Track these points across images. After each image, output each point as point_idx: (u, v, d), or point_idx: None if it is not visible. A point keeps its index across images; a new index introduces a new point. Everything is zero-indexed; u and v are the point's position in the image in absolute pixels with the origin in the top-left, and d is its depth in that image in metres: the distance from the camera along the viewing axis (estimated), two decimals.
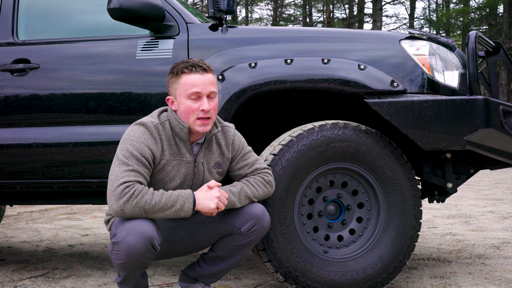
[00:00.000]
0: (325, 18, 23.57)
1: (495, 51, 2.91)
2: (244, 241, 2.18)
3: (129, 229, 1.94)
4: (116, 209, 1.94)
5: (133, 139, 2.03)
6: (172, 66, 2.13)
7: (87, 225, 5.17)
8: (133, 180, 1.97)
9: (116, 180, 1.96)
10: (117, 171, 1.99)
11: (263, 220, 2.17)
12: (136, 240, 1.92)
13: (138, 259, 1.96)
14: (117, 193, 1.94)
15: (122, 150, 2.03)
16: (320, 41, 2.60)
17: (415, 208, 2.45)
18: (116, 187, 1.95)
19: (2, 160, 2.71)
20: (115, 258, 1.99)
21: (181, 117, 2.11)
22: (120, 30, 2.73)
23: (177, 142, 2.12)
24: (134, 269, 2.01)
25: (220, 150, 2.22)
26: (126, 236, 1.93)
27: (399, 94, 2.40)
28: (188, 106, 2.07)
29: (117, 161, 2.01)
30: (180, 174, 2.13)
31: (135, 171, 1.99)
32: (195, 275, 2.29)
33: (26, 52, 2.76)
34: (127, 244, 1.93)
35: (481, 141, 2.37)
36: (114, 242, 1.98)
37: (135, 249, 1.93)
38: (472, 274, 2.90)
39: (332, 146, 2.37)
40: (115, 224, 2.05)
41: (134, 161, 2.00)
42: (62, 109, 2.66)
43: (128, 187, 1.94)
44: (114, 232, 2.02)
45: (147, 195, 1.96)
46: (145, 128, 2.06)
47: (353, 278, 2.39)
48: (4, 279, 2.95)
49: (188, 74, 2.07)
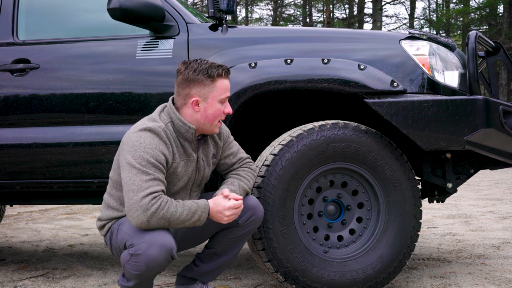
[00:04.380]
0: (325, 18, 23.57)
1: (495, 51, 2.91)
2: (241, 233, 2.20)
3: (149, 241, 1.91)
4: (142, 220, 1.90)
5: (145, 146, 1.97)
6: (202, 67, 2.07)
7: (87, 225, 5.17)
8: (159, 190, 1.94)
9: (141, 191, 1.91)
10: (138, 181, 1.92)
11: (258, 210, 2.21)
12: (157, 252, 1.91)
13: (156, 270, 1.96)
14: (143, 204, 1.90)
15: (136, 158, 1.96)
16: (320, 41, 2.60)
17: (415, 208, 2.45)
18: (141, 198, 1.90)
19: (2, 160, 2.71)
20: (131, 269, 1.96)
21: (204, 120, 2.10)
22: (120, 30, 2.73)
23: (182, 143, 2.12)
24: (148, 277, 2.02)
25: (214, 141, 2.26)
26: (148, 249, 1.91)
27: (399, 94, 2.40)
28: (218, 109, 2.11)
29: (134, 170, 1.94)
30: (188, 173, 2.15)
31: (157, 180, 1.95)
32: (193, 274, 2.30)
33: (26, 52, 2.76)
34: (149, 257, 1.91)
35: (481, 141, 2.37)
36: (133, 254, 1.94)
37: (156, 262, 1.92)
38: (472, 274, 2.90)
39: (332, 146, 2.37)
40: (128, 233, 2.00)
41: (153, 169, 1.96)
42: (62, 109, 2.66)
43: (155, 198, 1.91)
44: (131, 243, 1.97)
45: (172, 207, 1.94)
46: (153, 133, 2.01)
47: (353, 278, 2.39)
48: (4, 279, 2.95)
49: (223, 78, 2.11)
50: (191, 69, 2.08)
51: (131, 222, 1.95)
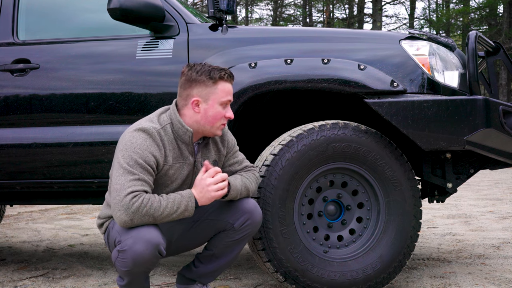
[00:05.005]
0: (325, 18, 23.57)
1: (495, 51, 2.91)
2: (238, 237, 2.18)
3: (135, 236, 1.92)
4: (125, 219, 1.91)
5: (136, 146, 1.99)
6: (205, 69, 2.08)
7: (87, 225, 5.17)
8: (140, 190, 1.94)
9: (123, 190, 1.92)
10: (122, 181, 1.94)
11: (255, 215, 2.18)
12: (143, 248, 1.91)
13: (144, 266, 1.96)
14: (125, 203, 1.91)
15: (125, 158, 1.98)
16: (320, 41, 2.60)
17: (415, 208, 2.45)
18: (123, 197, 1.91)
19: (2, 160, 2.71)
20: (120, 266, 1.98)
21: (204, 121, 2.10)
22: (120, 30, 2.73)
23: (180, 145, 2.12)
24: (139, 274, 2.01)
25: (217, 148, 2.25)
26: (133, 244, 1.91)
27: (399, 94, 2.40)
28: (219, 112, 2.10)
29: (121, 170, 1.97)
30: (182, 176, 2.14)
31: (141, 180, 1.96)
32: (192, 275, 2.30)
33: (26, 52, 2.76)
34: (134, 253, 1.92)
35: (481, 141, 2.37)
36: (120, 250, 1.95)
37: (143, 257, 1.92)
38: (472, 274, 2.90)
39: (332, 146, 2.38)
40: (117, 231, 2.02)
41: (140, 169, 1.97)
42: (62, 109, 2.66)
43: (135, 197, 1.92)
44: (119, 240, 1.99)
45: (156, 202, 1.94)
46: (147, 134, 2.02)
47: (353, 278, 2.39)
48: (4, 279, 2.95)
49: (225, 82, 2.11)
50: (194, 70, 2.10)
51: (117, 222, 1.97)
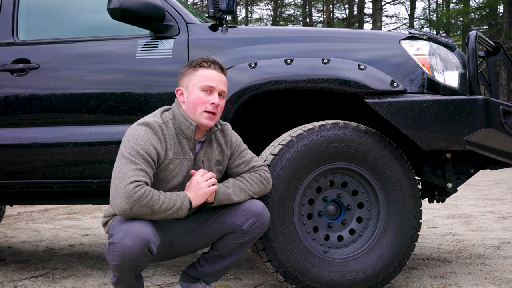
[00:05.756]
0: (325, 18, 23.58)
1: (495, 51, 2.91)
2: (246, 239, 2.19)
3: (126, 230, 1.93)
4: (125, 207, 1.92)
5: (138, 138, 2.03)
6: (191, 61, 2.20)
7: (87, 225, 5.17)
8: (142, 181, 1.96)
9: (126, 178, 1.94)
10: (125, 169, 1.97)
11: (263, 216, 2.19)
12: (132, 242, 1.91)
13: (133, 261, 1.95)
14: (127, 190, 1.92)
15: (127, 148, 2.01)
16: (320, 41, 2.60)
17: (415, 208, 2.45)
18: (126, 185, 1.93)
19: (2, 160, 2.71)
20: (110, 259, 1.98)
21: (188, 108, 2.13)
22: (120, 30, 2.73)
23: (181, 141, 2.13)
24: (128, 271, 2.01)
25: (220, 148, 2.25)
26: (123, 238, 1.92)
27: (399, 94, 2.40)
28: (199, 97, 2.12)
29: (123, 159, 1.99)
30: (183, 172, 2.15)
31: (143, 171, 1.99)
32: (196, 274, 2.29)
33: (26, 52, 2.76)
34: (123, 246, 1.92)
35: (481, 141, 2.37)
36: (110, 243, 1.97)
37: (131, 251, 1.92)
38: (472, 274, 2.90)
39: (332, 146, 2.37)
40: (113, 225, 2.04)
41: (141, 160, 2.00)
42: (62, 109, 2.66)
43: (138, 186, 1.94)
44: (112, 232, 2.01)
45: (155, 195, 1.97)
46: (149, 127, 2.06)
47: (353, 278, 2.39)
48: (4, 279, 2.95)
49: (206, 68, 2.15)
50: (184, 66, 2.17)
51: (114, 210, 1.97)
